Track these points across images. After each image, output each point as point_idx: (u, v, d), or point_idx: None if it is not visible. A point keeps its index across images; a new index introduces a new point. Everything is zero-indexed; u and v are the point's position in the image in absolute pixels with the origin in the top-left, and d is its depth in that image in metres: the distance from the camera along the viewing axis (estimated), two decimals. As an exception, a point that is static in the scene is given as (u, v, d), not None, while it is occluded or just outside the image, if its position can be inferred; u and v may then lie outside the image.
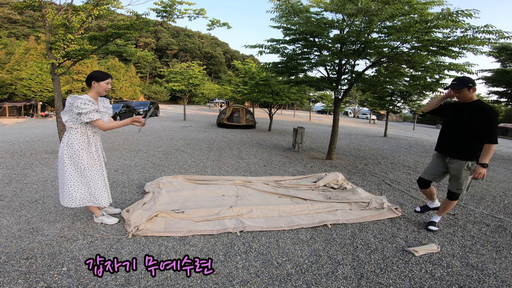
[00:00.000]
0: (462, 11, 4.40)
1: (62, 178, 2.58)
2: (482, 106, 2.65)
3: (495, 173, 6.69)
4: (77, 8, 5.91)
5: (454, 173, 2.85)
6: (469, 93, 2.70)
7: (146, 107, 19.57)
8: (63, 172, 2.55)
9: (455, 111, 2.87)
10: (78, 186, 2.58)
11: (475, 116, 2.63)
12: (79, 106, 2.41)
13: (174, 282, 1.99)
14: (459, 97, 2.77)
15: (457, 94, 2.76)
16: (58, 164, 2.60)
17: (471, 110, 2.69)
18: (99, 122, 2.51)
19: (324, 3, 6.14)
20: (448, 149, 2.89)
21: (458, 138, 2.78)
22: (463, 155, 2.76)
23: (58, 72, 6.00)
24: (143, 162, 5.58)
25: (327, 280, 2.10)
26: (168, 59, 62.33)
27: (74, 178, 2.57)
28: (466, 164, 2.75)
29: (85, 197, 2.62)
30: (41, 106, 20.33)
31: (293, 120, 27.91)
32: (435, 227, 3.05)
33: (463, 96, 2.73)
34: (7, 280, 1.90)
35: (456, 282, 2.15)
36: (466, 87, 2.67)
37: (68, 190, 2.56)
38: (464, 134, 2.73)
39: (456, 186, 2.87)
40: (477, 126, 2.62)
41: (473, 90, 2.69)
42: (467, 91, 2.69)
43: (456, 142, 2.80)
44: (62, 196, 2.60)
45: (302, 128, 8.09)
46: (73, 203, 2.59)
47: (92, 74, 2.57)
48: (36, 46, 20.96)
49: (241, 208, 3.21)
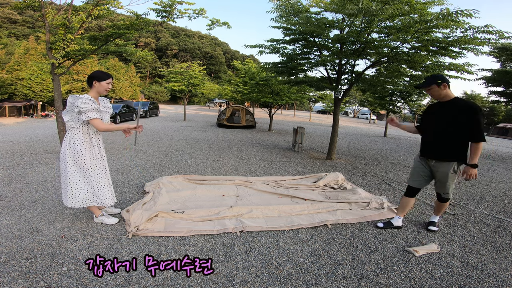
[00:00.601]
0: (462, 11, 4.40)
1: (64, 178, 2.58)
2: (466, 104, 2.52)
3: (495, 173, 6.69)
4: (77, 8, 5.91)
5: (440, 177, 2.73)
6: (440, 90, 2.60)
7: (146, 107, 19.52)
8: (66, 172, 2.55)
9: (435, 112, 2.75)
10: (81, 186, 2.59)
11: (459, 115, 2.51)
12: (79, 105, 2.41)
13: (174, 282, 1.99)
14: (433, 96, 2.68)
15: (429, 93, 2.68)
16: (61, 164, 2.61)
17: (453, 108, 2.57)
18: (97, 122, 2.50)
19: (324, 3, 6.14)
20: (432, 152, 2.75)
21: (442, 139, 2.65)
22: (449, 157, 2.64)
23: (58, 72, 6.00)
24: (143, 162, 5.58)
25: (327, 280, 2.10)
26: (168, 59, 62.35)
27: (76, 178, 2.57)
28: (452, 167, 2.64)
29: (88, 197, 2.62)
30: (41, 106, 20.33)
31: (293, 120, 27.91)
32: (435, 227, 3.01)
33: (435, 94, 2.65)
34: (7, 280, 1.90)
35: (456, 282, 2.15)
36: (435, 84, 2.59)
37: (71, 190, 2.56)
38: (448, 135, 2.61)
39: (443, 191, 2.78)
40: (462, 125, 2.51)
41: (444, 86, 2.58)
42: (437, 88, 2.60)
43: (440, 143, 2.66)
44: (65, 196, 2.60)
45: (302, 128, 8.09)
46: (77, 203, 2.59)
47: (93, 74, 2.58)
48: (36, 46, 20.95)
49: (241, 208, 3.21)
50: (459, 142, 2.58)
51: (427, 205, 3.89)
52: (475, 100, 39.93)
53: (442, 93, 2.62)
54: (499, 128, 27.75)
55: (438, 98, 2.67)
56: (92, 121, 2.49)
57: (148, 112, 19.52)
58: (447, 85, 2.59)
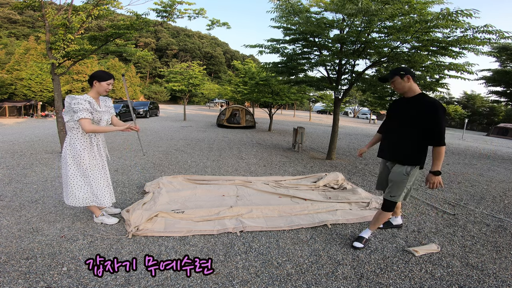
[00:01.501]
0: (462, 11, 4.40)
1: (65, 177, 2.60)
2: (428, 101, 2.27)
3: (495, 173, 6.69)
4: (77, 8, 5.91)
5: (392, 177, 2.46)
6: (404, 82, 2.37)
7: (146, 107, 19.51)
8: (66, 172, 2.58)
9: (396, 109, 2.53)
10: (81, 186, 2.60)
11: (419, 113, 2.27)
12: (72, 106, 2.43)
13: (174, 282, 1.99)
14: (397, 89, 2.45)
15: (393, 86, 2.46)
16: (62, 164, 2.64)
17: (414, 105, 2.34)
18: (84, 122, 2.44)
19: (324, 3, 6.14)
20: (387, 152, 2.54)
21: (397, 139, 2.44)
22: (403, 159, 2.39)
23: (58, 72, 6.00)
24: (143, 162, 5.58)
25: (327, 280, 2.10)
26: (168, 59, 62.32)
27: (77, 177, 2.58)
28: (404, 169, 2.37)
29: (88, 197, 2.64)
30: (41, 106, 20.32)
31: (293, 120, 27.91)
32: (360, 244, 2.58)
33: (399, 87, 2.42)
34: (7, 280, 1.90)
35: (456, 282, 2.15)
36: (398, 75, 2.37)
37: (72, 190, 2.58)
38: (404, 134, 2.38)
39: (391, 193, 2.44)
40: (421, 124, 2.26)
41: (408, 78, 2.35)
42: (400, 80, 2.38)
43: (395, 143, 2.45)
44: (66, 195, 2.63)
45: (302, 128, 8.09)
46: (77, 202, 2.61)
47: (94, 74, 2.57)
48: (36, 46, 20.94)
49: (241, 208, 3.21)
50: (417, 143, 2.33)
51: (427, 205, 3.89)
52: (475, 100, 40.01)
53: (405, 86, 2.39)
54: (499, 128, 27.73)
55: (402, 92, 2.45)
56: (80, 121, 2.44)
57: (148, 112, 19.51)
58: (411, 77, 2.37)
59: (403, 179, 2.38)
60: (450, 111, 34.45)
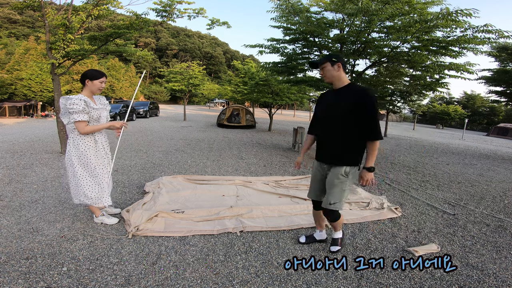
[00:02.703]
0: (462, 10, 4.41)
1: (74, 179, 2.58)
2: (358, 90, 2.09)
3: (495, 173, 6.69)
4: (77, 8, 5.91)
5: (330, 181, 2.21)
6: (333, 70, 2.16)
7: (146, 107, 19.50)
8: (74, 173, 2.55)
9: (323, 105, 2.32)
10: (92, 186, 2.60)
11: (349, 104, 2.07)
12: (68, 107, 2.40)
13: (174, 282, 1.99)
14: (325, 77, 2.24)
15: (322, 73, 2.26)
16: (67, 165, 2.59)
17: (343, 96, 2.14)
18: (80, 125, 2.44)
19: (324, 2, 6.14)
20: (322, 153, 2.31)
21: (330, 137, 2.22)
22: (338, 159, 2.17)
23: (58, 72, 6.00)
24: (143, 162, 5.58)
25: (327, 280, 2.10)
26: (168, 59, 62.34)
27: (86, 178, 2.58)
28: (341, 171, 2.15)
29: (100, 196, 2.64)
30: (41, 106, 20.32)
31: (293, 120, 27.92)
32: (337, 247, 2.48)
33: (327, 75, 2.21)
34: (7, 280, 1.90)
35: (456, 282, 2.15)
36: (329, 62, 2.16)
37: (83, 191, 2.57)
38: (337, 131, 2.16)
39: (330, 200, 2.18)
40: (354, 117, 2.07)
41: (339, 66, 2.15)
42: (330, 67, 2.17)
43: (329, 142, 2.23)
44: (77, 194, 2.60)
45: (302, 128, 8.09)
46: (89, 201, 2.62)
47: (86, 73, 2.53)
48: (36, 46, 20.93)
49: (241, 208, 3.21)
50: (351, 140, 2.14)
51: (427, 205, 3.89)
52: (475, 100, 40.02)
53: (335, 75, 2.18)
54: (499, 128, 27.74)
55: (330, 81, 2.23)
56: (75, 123, 2.44)
57: (148, 112, 19.51)
58: (342, 66, 2.17)
59: (342, 183, 2.15)
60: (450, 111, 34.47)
